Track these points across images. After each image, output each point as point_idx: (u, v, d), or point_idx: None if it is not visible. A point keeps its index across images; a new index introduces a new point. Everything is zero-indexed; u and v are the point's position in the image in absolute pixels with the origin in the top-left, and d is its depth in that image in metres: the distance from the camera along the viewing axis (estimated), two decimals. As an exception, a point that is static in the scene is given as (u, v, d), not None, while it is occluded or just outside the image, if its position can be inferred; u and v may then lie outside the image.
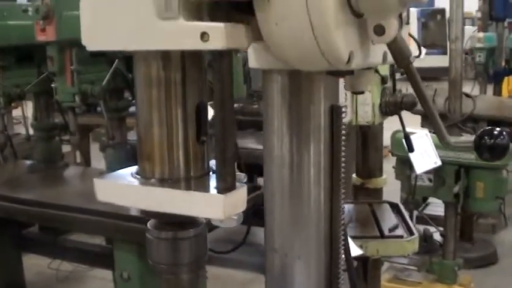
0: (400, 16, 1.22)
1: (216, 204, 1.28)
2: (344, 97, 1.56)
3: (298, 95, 1.37)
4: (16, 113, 8.06)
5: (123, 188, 1.40)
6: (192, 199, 1.32)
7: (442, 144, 1.52)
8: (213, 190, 1.31)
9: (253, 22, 1.21)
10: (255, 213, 2.48)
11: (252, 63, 1.40)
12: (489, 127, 1.48)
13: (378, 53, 1.31)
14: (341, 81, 1.45)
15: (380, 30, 1.17)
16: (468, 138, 1.50)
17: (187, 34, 1.18)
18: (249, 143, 5.24)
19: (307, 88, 1.37)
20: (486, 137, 1.46)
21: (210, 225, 1.46)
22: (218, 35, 1.16)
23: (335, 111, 1.39)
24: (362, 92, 1.52)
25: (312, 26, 1.13)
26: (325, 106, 1.38)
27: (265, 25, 1.19)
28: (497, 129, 1.47)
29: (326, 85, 1.38)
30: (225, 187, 1.28)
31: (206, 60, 1.41)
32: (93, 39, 1.32)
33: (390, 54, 1.33)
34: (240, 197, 1.31)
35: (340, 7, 1.14)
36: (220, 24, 1.17)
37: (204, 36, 1.16)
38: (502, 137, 1.46)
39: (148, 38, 1.23)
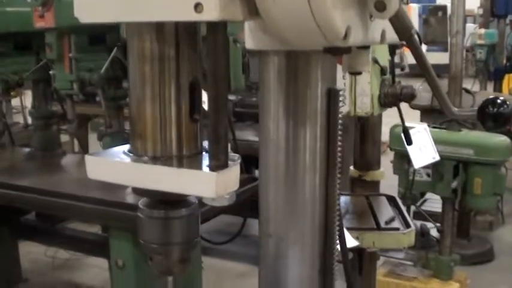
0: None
1: (208, 182, 1.25)
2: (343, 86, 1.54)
3: (295, 77, 1.35)
4: (15, 102, 8.07)
5: (115, 165, 1.38)
6: (184, 177, 1.30)
7: (446, 113, 1.50)
8: (205, 168, 1.28)
9: (249, -4, 1.19)
10: (251, 205, 2.46)
11: (249, 44, 1.38)
12: (492, 96, 1.46)
13: (376, 30, 1.29)
14: (339, 68, 1.42)
15: (381, 6, 1.15)
16: (472, 108, 1.49)
17: (181, 4, 1.15)
18: (248, 135, 5.23)
19: (304, 70, 1.34)
20: (490, 106, 1.45)
21: (202, 205, 1.44)
22: (212, 5, 1.12)
23: (332, 95, 1.37)
24: (360, 73, 1.50)
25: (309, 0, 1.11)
26: (322, 89, 1.36)
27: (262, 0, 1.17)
28: (501, 98, 1.46)
29: (323, 67, 1.36)
30: (218, 165, 1.26)
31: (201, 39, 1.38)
32: (86, 11, 1.30)
33: (388, 33, 1.31)
34: (232, 176, 1.28)
35: (338, -19, 1.11)
36: (215, -5, 1.14)
37: (198, 6, 1.13)
38: (505, 106, 1.44)
39: (140, 9, 1.20)
